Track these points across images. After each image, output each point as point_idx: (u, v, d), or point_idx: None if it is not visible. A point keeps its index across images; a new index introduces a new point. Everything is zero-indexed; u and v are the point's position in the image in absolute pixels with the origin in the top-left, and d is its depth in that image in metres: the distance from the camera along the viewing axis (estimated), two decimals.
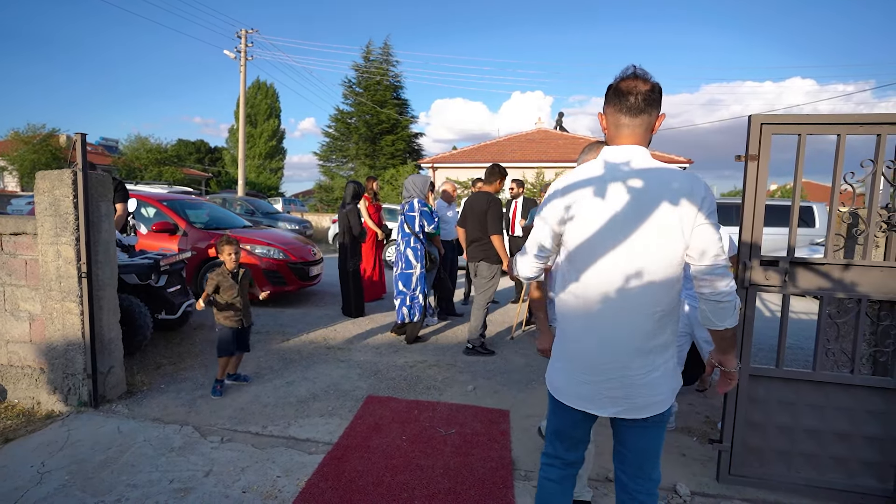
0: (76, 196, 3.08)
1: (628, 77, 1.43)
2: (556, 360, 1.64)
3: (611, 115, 1.47)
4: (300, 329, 5.28)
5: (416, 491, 2.40)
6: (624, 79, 1.43)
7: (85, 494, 2.31)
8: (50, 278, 3.15)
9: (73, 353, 3.16)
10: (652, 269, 1.40)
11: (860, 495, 2.40)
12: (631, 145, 1.45)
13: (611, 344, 1.46)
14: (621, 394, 1.47)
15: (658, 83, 1.43)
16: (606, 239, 1.44)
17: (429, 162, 21.01)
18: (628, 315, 1.43)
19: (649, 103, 1.41)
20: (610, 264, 1.43)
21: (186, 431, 2.94)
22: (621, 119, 1.44)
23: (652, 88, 1.41)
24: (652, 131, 1.47)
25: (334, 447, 2.79)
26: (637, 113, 1.42)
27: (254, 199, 16.11)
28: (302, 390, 3.63)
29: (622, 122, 1.44)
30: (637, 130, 1.44)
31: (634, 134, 1.44)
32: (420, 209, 4.73)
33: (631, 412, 1.48)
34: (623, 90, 1.42)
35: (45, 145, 21.52)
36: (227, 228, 6.60)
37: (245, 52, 20.52)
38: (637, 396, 1.46)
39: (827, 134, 2.35)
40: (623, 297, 1.43)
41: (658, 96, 1.43)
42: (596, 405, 1.51)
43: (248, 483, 2.44)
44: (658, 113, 1.45)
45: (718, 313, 1.41)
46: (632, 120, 1.43)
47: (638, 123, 1.43)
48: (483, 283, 4.60)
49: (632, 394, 1.46)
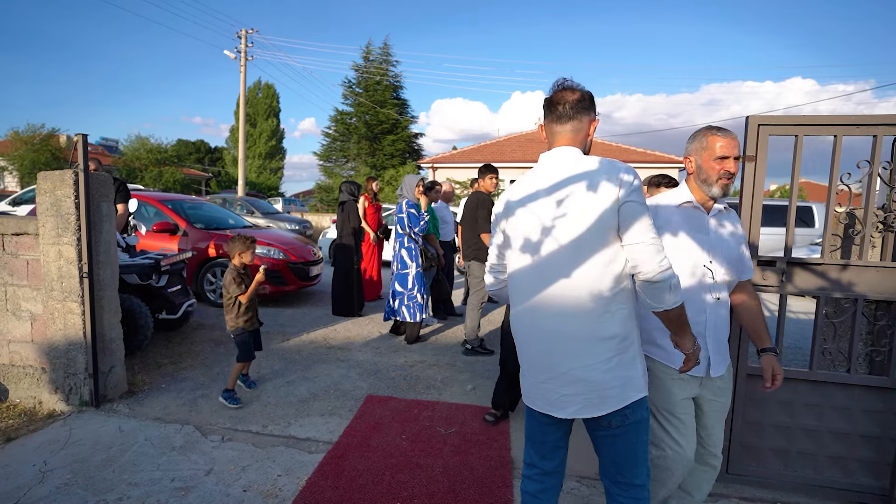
0: (77, 196, 3.09)
1: (558, 89, 1.56)
2: (521, 364, 1.67)
3: (546, 126, 1.59)
4: (300, 329, 5.29)
5: (415, 490, 2.42)
6: (555, 91, 1.56)
7: (86, 493, 2.32)
8: (51, 278, 3.17)
9: (75, 352, 3.18)
10: (581, 258, 1.42)
11: (857, 493, 2.42)
12: (562, 147, 1.53)
13: (554, 340, 1.48)
14: (572, 391, 1.46)
15: (588, 91, 1.54)
16: (535, 234, 1.50)
17: (429, 162, 21.03)
18: (567, 309, 1.45)
19: (578, 110, 1.51)
20: (542, 261, 1.48)
21: (187, 431, 2.95)
22: (553, 127, 1.56)
23: (581, 97, 1.52)
24: (587, 136, 1.55)
25: (334, 446, 2.81)
26: (566, 120, 1.52)
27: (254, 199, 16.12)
28: (302, 390, 3.65)
29: (554, 130, 1.56)
30: (567, 135, 1.53)
31: (565, 138, 1.54)
32: (407, 210, 4.73)
33: (587, 410, 1.46)
34: (553, 101, 1.54)
35: (45, 145, 21.54)
36: (228, 229, 6.62)
37: (245, 52, 20.53)
38: (588, 392, 1.45)
39: (823, 135, 2.36)
40: (559, 290, 1.45)
41: (588, 103, 1.53)
42: (554, 406, 1.51)
43: (248, 482, 2.45)
44: (590, 118, 1.54)
45: (654, 294, 1.39)
46: (562, 126, 1.53)
47: (568, 129, 1.53)
48: (476, 283, 4.61)
49: (582, 390, 1.45)
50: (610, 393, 1.44)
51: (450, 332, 5.40)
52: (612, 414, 1.45)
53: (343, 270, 5.87)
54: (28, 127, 22.00)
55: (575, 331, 1.44)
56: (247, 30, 20.55)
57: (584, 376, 1.44)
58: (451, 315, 6.01)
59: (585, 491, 2.46)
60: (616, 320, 1.43)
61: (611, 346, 1.43)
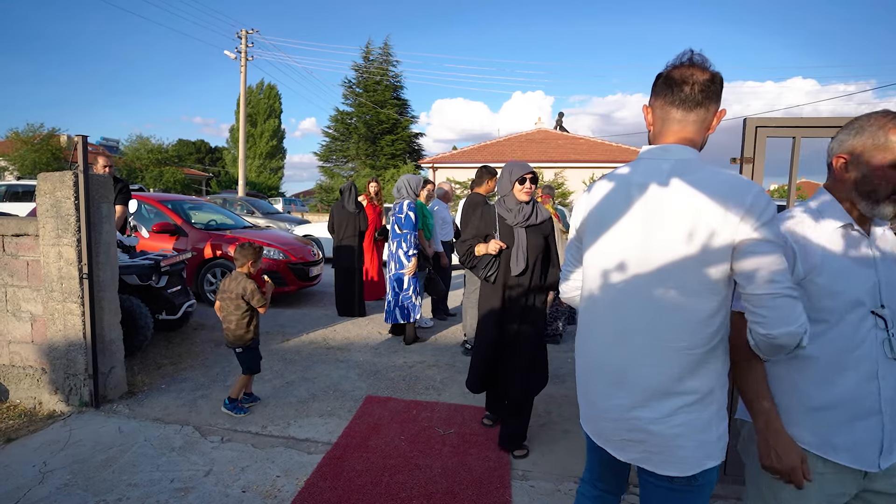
0: (77, 198, 3.10)
1: (684, 64, 1.21)
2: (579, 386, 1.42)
3: (659, 108, 1.25)
4: (300, 329, 5.30)
5: (414, 490, 2.42)
6: (678, 66, 1.22)
7: (86, 494, 2.33)
8: (51, 279, 3.18)
9: (75, 353, 3.19)
10: (674, 292, 1.15)
11: None
12: (678, 145, 1.23)
13: (622, 380, 1.24)
14: (635, 437, 1.23)
15: (718, 73, 1.21)
16: (622, 253, 1.25)
17: (429, 162, 21.03)
18: (646, 347, 1.20)
19: (707, 95, 1.20)
20: (624, 283, 1.23)
21: (187, 431, 2.96)
22: (672, 112, 1.23)
23: (712, 78, 1.20)
24: (708, 129, 1.25)
25: (333, 447, 2.81)
26: (692, 106, 1.20)
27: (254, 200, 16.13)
28: (301, 390, 3.65)
29: (673, 116, 1.23)
30: (689, 127, 1.22)
31: (684, 130, 1.23)
32: (407, 212, 4.72)
33: (648, 462, 1.22)
34: (679, 79, 1.20)
35: (45, 145, 21.57)
36: (228, 229, 6.63)
37: (245, 53, 20.55)
38: (653, 445, 1.21)
39: (821, 136, 2.37)
40: (640, 327, 1.20)
41: (718, 88, 1.21)
42: (613, 446, 1.29)
43: (247, 482, 2.46)
44: (717, 107, 1.22)
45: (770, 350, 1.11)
46: (686, 114, 1.21)
47: (692, 119, 1.21)
48: (474, 282, 4.61)
49: (646, 440, 1.21)
50: (679, 455, 1.18)
51: (449, 332, 5.41)
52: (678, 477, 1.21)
53: (343, 271, 5.88)
54: (28, 127, 22.06)
55: (649, 379, 1.19)
56: (247, 30, 20.58)
57: (654, 429, 1.20)
58: (449, 315, 6.02)
59: None
60: (704, 373, 1.17)
61: (695, 403, 1.17)
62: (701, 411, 1.17)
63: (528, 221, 2.79)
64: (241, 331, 3.18)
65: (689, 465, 1.18)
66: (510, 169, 2.82)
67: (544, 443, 2.95)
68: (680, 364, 1.16)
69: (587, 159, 18.71)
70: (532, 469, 2.67)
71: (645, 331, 1.20)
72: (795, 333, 1.07)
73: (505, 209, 2.81)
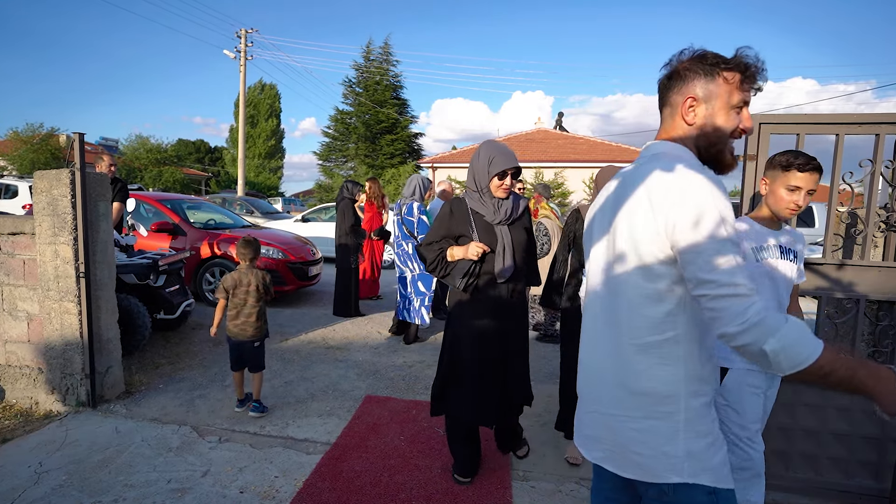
0: (74, 196, 3.08)
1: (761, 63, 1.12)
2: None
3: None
4: (299, 329, 5.28)
5: (413, 491, 2.40)
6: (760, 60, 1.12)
7: (82, 494, 2.31)
8: (48, 278, 3.15)
9: (72, 352, 3.16)
10: (622, 281, 1.13)
11: (858, 495, 2.40)
12: (656, 141, 1.23)
13: (590, 368, 1.24)
14: (601, 433, 1.19)
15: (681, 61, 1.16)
16: (594, 241, 1.27)
17: (429, 162, 21.02)
18: (605, 336, 1.18)
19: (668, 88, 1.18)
20: (594, 271, 1.25)
21: (184, 431, 2.94)
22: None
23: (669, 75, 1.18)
24: (688, 123, 1.16)
25: (332, 447, 2.79)
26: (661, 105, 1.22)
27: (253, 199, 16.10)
28: (300, 390, 3.63)
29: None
30: (664, 124, 1.21)
31: (663, 127, 1.22)
32: (419, 216, 4.71)
33: (611, 462, 1.17)
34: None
35: (45, 145, 21.54)
36: (227, 228, 6.61)
37: (245, 52, 20.52)
38: (614, 444, 1.15)
39: (825, 133, 2.35)
40: (601, 314, 1.21)
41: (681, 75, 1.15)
42: (582, 441, 1.26)
43: (245, 483, 2.43)
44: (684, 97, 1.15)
45: (755, 359, 0.98)
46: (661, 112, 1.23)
47: (665, 115, 1.21)
48: None
49: (607, 437, 1.17)
50: (638, 458, 1.11)
51: None
52: (643, 483, 1.12)
53: (341, 270, 5.87)
54: (27, 127, 22.03)
55: (610, 371, 1.16)
56: (246, 29, 20.56)
57: (615, 424, 1.15)
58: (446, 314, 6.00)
59: (585, 492, 2.44)
60: (662, 374, 1.09)
61: (643, 405, 1.11)
62: (662, 419, 1.09)
63: (510, 217, 2.36)
64: (262, 322, 3.21)
65: (649, 472, 1.10)
66: (489, 156, 2.27)
67: (545, 443, 2.93)
68: (631, 357, 1.12)
69: (587, 159, 18.68)
70: (532, 469, 2.64)
71: (604, 322, 1.19)
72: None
73: (479, 204, 2.34)
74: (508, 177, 2.27)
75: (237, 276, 3.16)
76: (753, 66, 1.11)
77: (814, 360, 0.94)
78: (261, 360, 3.26)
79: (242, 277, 3.15)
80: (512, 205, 2.37)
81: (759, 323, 0.94)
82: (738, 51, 1.12)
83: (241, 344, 3.17)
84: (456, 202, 2.41)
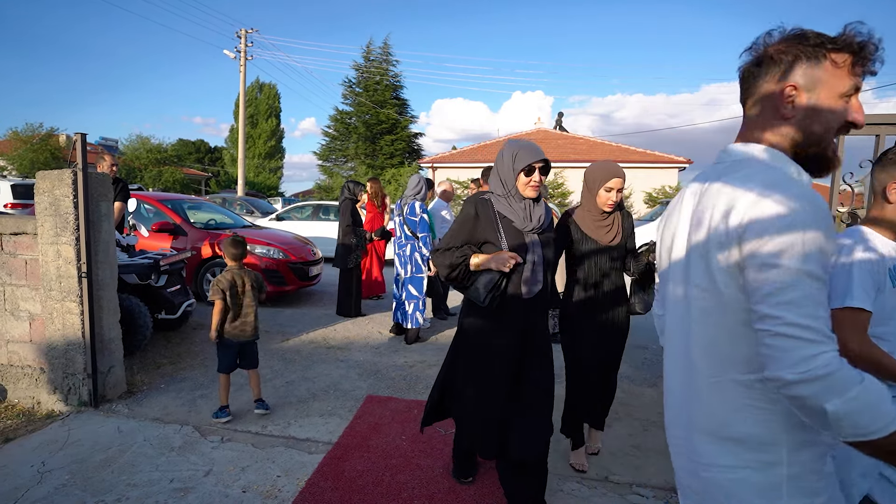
0: (76, 196, 3.08)
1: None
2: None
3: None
4: (300, 329, 5.28)
5: (415, 490, 2.40)
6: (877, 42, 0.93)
7: (85, 494, 2.31)
8: (50, 278, 3.16)
9: (73, 352, 3.17)
10: (703, 315, 0.98)
11: None
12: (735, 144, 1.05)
13: (678, 412, 1.08)
14: (691, 483, 1.05)
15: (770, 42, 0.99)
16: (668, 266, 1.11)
17: (429, 162, 21.03)
18: (687, 378, 1.03)
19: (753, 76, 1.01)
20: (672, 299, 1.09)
21: (186, 431, 2.94)
22: None
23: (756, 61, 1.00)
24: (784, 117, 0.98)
25: (334, 447, 2.80)
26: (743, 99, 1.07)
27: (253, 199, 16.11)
28: (302, 390, 3.63)
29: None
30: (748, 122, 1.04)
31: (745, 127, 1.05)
32: (421, 214, 4.71)
33: None
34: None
35: (45, 145, 21.55)
36: (227, 228, 6.61)
37: (245, 52, 20.53)
38: (704, 493, 1.01)
39: None
40: (682, 352, 1.05)
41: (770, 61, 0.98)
42: (680, 486, 1.11)
43: (247, 482, 2.44)
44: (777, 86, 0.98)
45: (810, 415, 0.83)
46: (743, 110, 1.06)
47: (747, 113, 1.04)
48: None
49: (697, 487, 1.03)
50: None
51: (449, 332, 5.39)
52: None
53: (342, 271, 5.87)
54: (27, 126, 22.03)
55: (697, 417, 1.01)
56: (246, 29, 20.56)
57: (704, 474, 1.00)
58: (449, 315, 6.01)
59: (586, 492, 2.45)
60: (753, 419, 0.93)
61: (738, 453, 0.94)
62: (760, 470, 0.92)
63: (542, 225, 2.12)
64: (258, 319, 3.23)
65: None
66: (513, 152, 2.05)
67: None
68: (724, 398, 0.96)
69: (587, 159, 18.68)
70: None
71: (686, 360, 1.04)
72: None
73: (508, 207, 2.09)
74: (536, 171, 2.04)
75: (231, 276, 3.09)
76: (869, 46, 0.92)
77: (888, 434, 0.79)
78: (257, 356, 3.28)
79: (237, 278, 3.10)
80: (544, 209, 2.16)
81: (826, 377, 0.78)
82: (847, 28, 0.93)
83: (241, 345, 3.17)
84: (482, 204, 2.12)
